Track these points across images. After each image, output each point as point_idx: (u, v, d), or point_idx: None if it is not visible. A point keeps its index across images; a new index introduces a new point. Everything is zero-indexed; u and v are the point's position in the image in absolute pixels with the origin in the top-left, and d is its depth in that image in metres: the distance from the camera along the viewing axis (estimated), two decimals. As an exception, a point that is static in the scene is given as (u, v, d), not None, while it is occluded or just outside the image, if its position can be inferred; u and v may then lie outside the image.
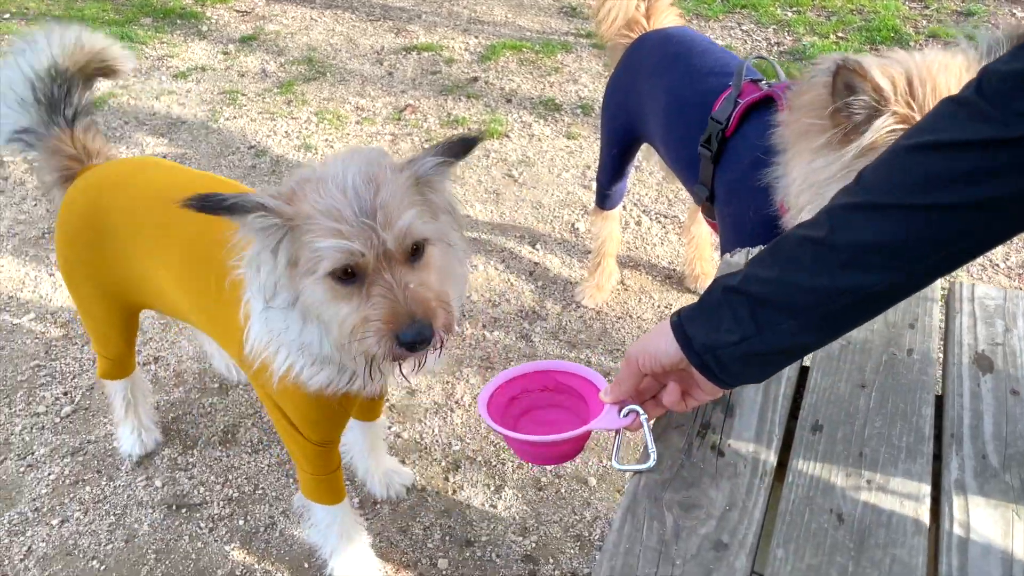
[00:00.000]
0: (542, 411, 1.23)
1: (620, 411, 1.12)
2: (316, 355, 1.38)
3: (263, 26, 4.46)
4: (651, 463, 1.10)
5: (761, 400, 1.22)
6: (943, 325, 1.39)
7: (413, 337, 1.23)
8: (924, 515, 1.04)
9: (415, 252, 1.28)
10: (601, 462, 2.12)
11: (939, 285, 1.44)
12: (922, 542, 1.01)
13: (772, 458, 1.13)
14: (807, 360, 1.31)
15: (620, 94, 2.20)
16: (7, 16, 4.54)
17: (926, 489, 1.07)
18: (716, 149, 1.77)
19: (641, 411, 1.11)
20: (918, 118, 1.33)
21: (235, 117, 3.63)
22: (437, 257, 1.33)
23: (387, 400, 2.29)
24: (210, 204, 1.21)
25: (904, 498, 1.06)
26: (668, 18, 2.28)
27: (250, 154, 3.39)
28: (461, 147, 1.33)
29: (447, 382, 2.35)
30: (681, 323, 1.03)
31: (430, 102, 3.75)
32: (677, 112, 1.90)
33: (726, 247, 1.81)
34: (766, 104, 1.71)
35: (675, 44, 2.02)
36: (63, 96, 1.78)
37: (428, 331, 1.24)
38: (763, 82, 1.77)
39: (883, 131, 1.37)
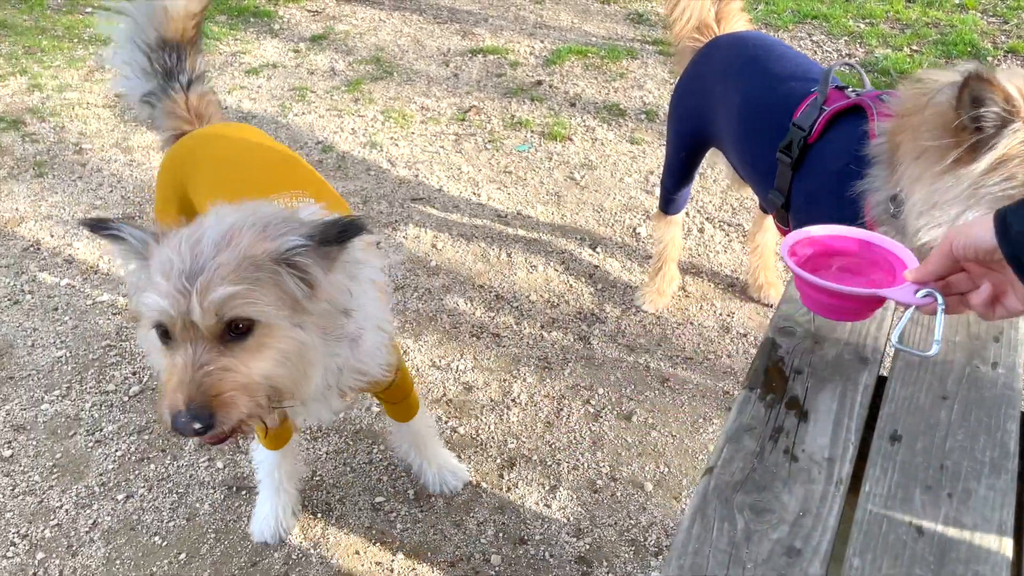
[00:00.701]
0: (844, 273, 1.25)
1: (917, 291, 1.12)
2: None
3: (333, 26, 4.54)
4: (934, 351, 1.08)
5: (836, 407, 1.19)
6: (1029, 340, 1.34)
7: (180, 426, 1.17)
8: (1008, 531, 1.00)
9: (236, 330, 1.19)
10: (658, 468, 2.10)
11: None
12: (1006, 559, 0.97)
13: (848, 466, 1.10)
14: (884, 370, 1.27)
15: (689, 97, 2.18)
16: (89, 10, 4.70)
17: (1011, 505, 1.04)
18: (796, 156, 1.73)
19: (939, 296, 1.10)
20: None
21: (304, 113, 3.70)
22: (275, 341, 1.23)
23: (431, 397, 2.30)
24: (94, 226, 1.26)
25: (987, 513, 1.02)
26: (739, 23, 2.26)
27: (317, 149, 3.45)
28: (337, 233, 1.23)
29: (504, 380, 2.36)
30: (1004, 211, 0.96)
31: (494, 104, 3.77)
32: (754, 116, 1.87)
33: None
34: (853, 112, 1.67)
35: (752, 47, 1.99)
36: (175, 63, 1.95)
37: (203, 420, 1.16)
38: (849, 90, 1.73)
39: (1017, 142, 1.31)
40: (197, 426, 1.17)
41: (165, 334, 1.21)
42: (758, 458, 1.12)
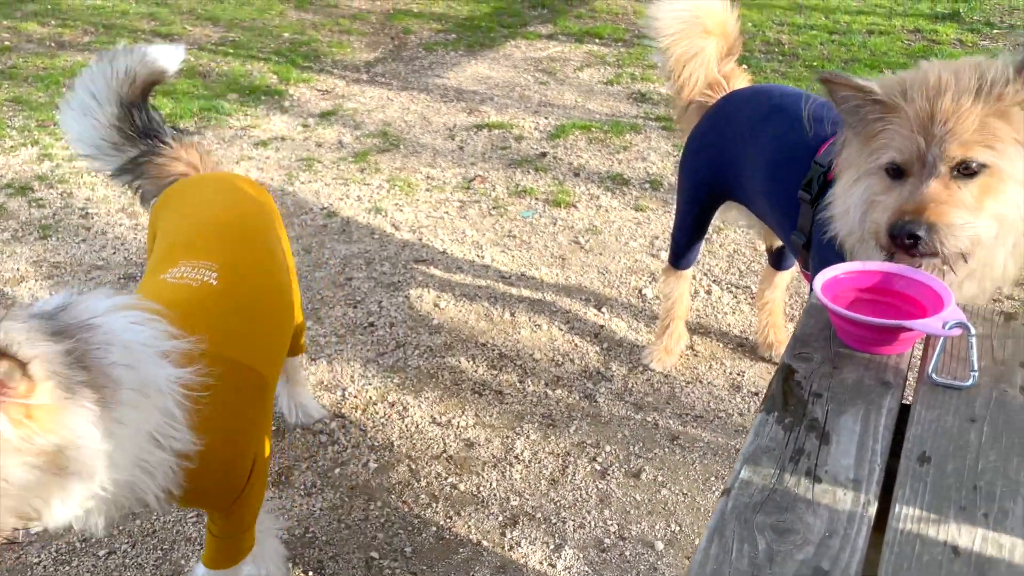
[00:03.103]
0: (882, 306, 1.32)
1: (946, 323, 1.16)
2: None
3: (342, 103, 4.64)
4: (972, 382, 1.14)
5: (860, 430, 1.12)
6: (1057, 367, 1.28)
7: None
8: (1054, 553, 0.92)
9: None
10: (669, 526, 2.00)
11: (1049, 327, 1.34)
12: (1053, 581, 0.89)
13: (875, 487, 1.03)
14: (907, 397, 1.21)
15: (706, 150, 2.18)
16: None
17: (1053, 528, 0.96)
18: (816, 193, 1.72)
19: (971, 327, 1.15)
20: (904, 103, 1.40)
21: (310, 181, 3.73)
22: None
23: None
24: None
25: (1029, 533, 0.94)
26: (743, 81, 2.29)
27: (322, 214, 3.45)
28: None
29: (507, 437, 2.27)
30: None
31: (499, 174, 3.80)
32: (787, 161, 1.86)
33: None
34: None
35: (778, 96, 2.01)
36: (149, 120, 1.88)
37: None
38: None
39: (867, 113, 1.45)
40: None
41: None
42: (778, 479, 1.05)
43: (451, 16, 6.36)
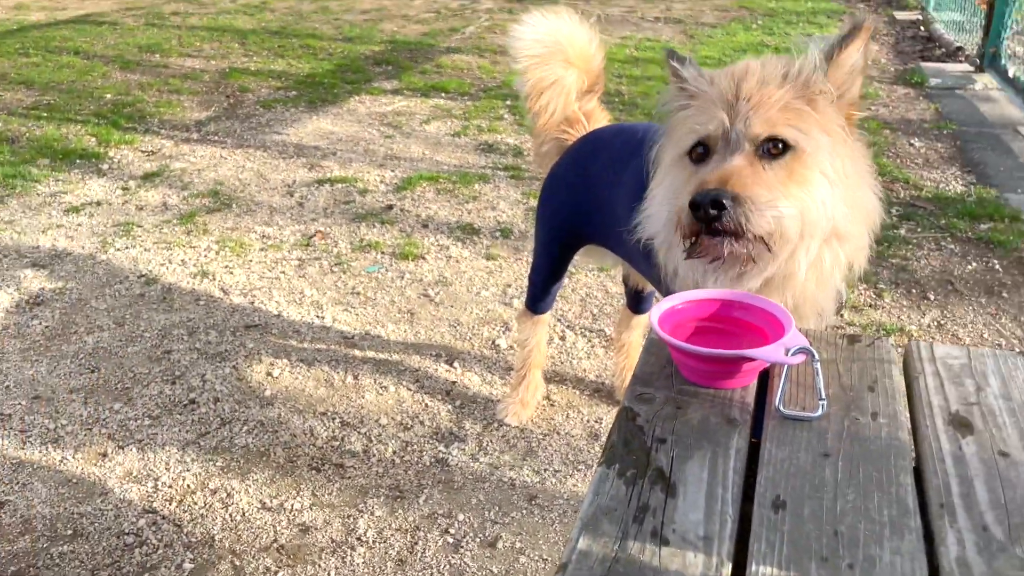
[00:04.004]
0: (718, 336, 1.22)
1: (788, 349, 1.09)
2: None
3: (168, 164, 4.32)
4: (820, 412, 1.06)
5: (708, 476, 0.99)
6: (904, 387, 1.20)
7: None
8: (927, 602, 0.80)
9: None
10: (529, 599, 1.81)
11: (891, 344, 1.27)
12: (932, 638, 0.77)
13: (728, 543, 0.88)
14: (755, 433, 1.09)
15: (566, 190, 2.06)
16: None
17: (922, 571, 0.84)
18: None
19: (815, 353, 1.08)
20: (709, 87, 1.34)
21: (127, 248, 3.39)
22: None
23: (275, 540, 1.95)
24: None
25: (899, 582, 0.82)
26: (604, 120, 2.21)
27: (139, 282, 3.12)
28: None
29: (348, 516, 2.03)
30: None
31: (342, 229, 3.59)
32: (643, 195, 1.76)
33: None
34: None
35: (642, 133, 1.92)
36: None
37: None
38: None
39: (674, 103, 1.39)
40: None
41: None
42: (621, 546, 0.89)
43: (291, 73, 6.16)
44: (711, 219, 1.25)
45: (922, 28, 7.42)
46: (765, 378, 1.20)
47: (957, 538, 0.88)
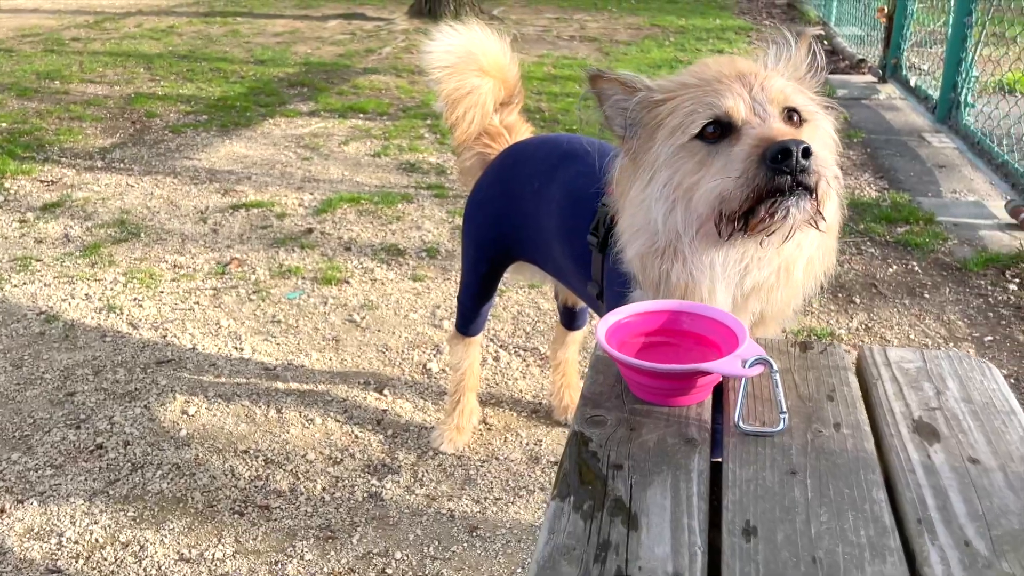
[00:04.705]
0: (668, 349, 1.14)
1: (745, 361, 1.02)
2: None
3: (70, 193, 4.06)
4: (782, 426, 1.00)
5: (671, 504, 0.91)
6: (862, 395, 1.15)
7: None
8: (920, 631, 0.73)
9: None
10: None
11: (844, 350, 1.22)
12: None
13: (700, 579, 0.80)
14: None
15: (491, 204, 1.97)
16: None
17: (909, 595, 0.78)
18: (604, 235, 1.54)
19: (772, 362, 1.01)
20: (692, 81, 1.26)
21: (25, 283, 3.14)
22: None
23: (197, 595, 1.78)
24: None
25: (888, 610, 0.75)
26: (526, 133, 2.14)
27: (39, 320, 2.89)
28: None
29: (275, 562, 1.88)
30: None
31: (259, 255, 3.42)
32: (576, 208, 1.67)
33: None
34: None
35: (566, 144, 1.84)
36: None
37: None
38: None
39: (647, 107, 1.27)
40: None
41: None
42: (582, 591, 0.80)
43: (201, 98, 5.93)
44: (798, 171, 1.12)
45: (825, 42, 7.68)
46: (719, 393, 1.14)
47: (940, 556, 0.82)
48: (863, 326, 2.92)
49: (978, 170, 4.32)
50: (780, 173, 1.12)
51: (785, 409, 1.03)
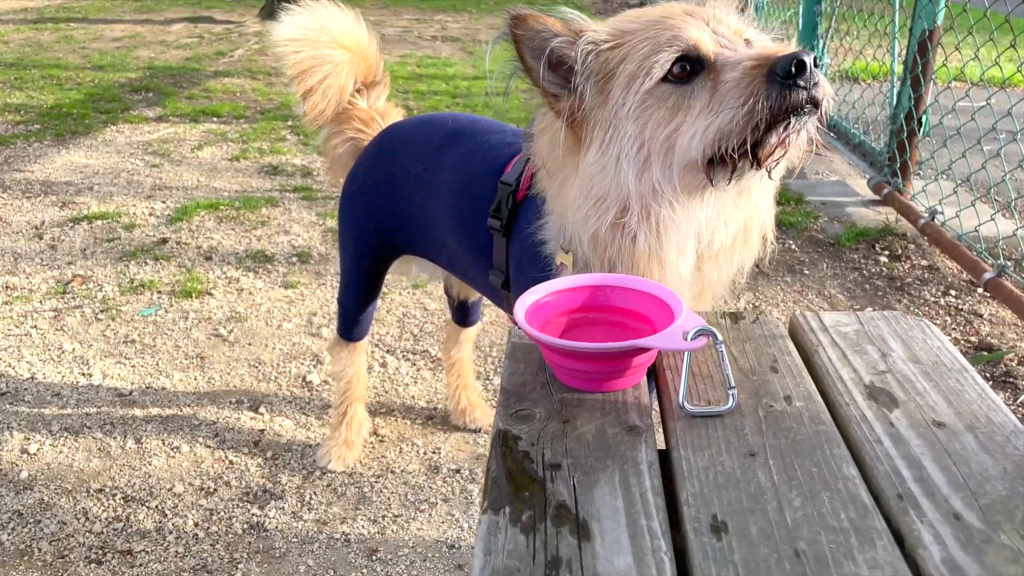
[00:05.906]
0: (595, 327, 1.02)
1: (686, 333, 0.90)
2: None
3: None
4: (732, 404, 0.90)
5: (623, 504, 0.77)
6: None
7: None
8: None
9: None
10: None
11: (776, 318, 1.13)
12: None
13: (674, 592, 0.67)
14: (659, 435, 0.89)
15: (369, 193, 1.76)
16: None
17: (907, 581, 0.67)
18: (507, 218, 1.38)
19: (717, 334, 0.91)
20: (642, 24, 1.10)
21: None
22: None
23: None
24: None
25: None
26: (399, 117, 1.96)
27: None
28: None
29: (144, 615, 1.62)
30: None
31: (106, 270, 3.07)
32: (471, 190, 1.49)
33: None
34: None
35: (451, 121, 1.66)
36: None
37: None
38: None
39: (597, 50, 1.10)
40: None
41: None
42: (536, 622, 0.64)
43: (32, 106, 5.39)
44: (811, 84, 1.00)
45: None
46: (650, 375, 1.01)
47: (933, 534, 0.72)
48: (751, 305, 2.92)
49: (837, 151, 4.49)
50: (795, 88, 1.00)
51: (733, 384, 0.92)
